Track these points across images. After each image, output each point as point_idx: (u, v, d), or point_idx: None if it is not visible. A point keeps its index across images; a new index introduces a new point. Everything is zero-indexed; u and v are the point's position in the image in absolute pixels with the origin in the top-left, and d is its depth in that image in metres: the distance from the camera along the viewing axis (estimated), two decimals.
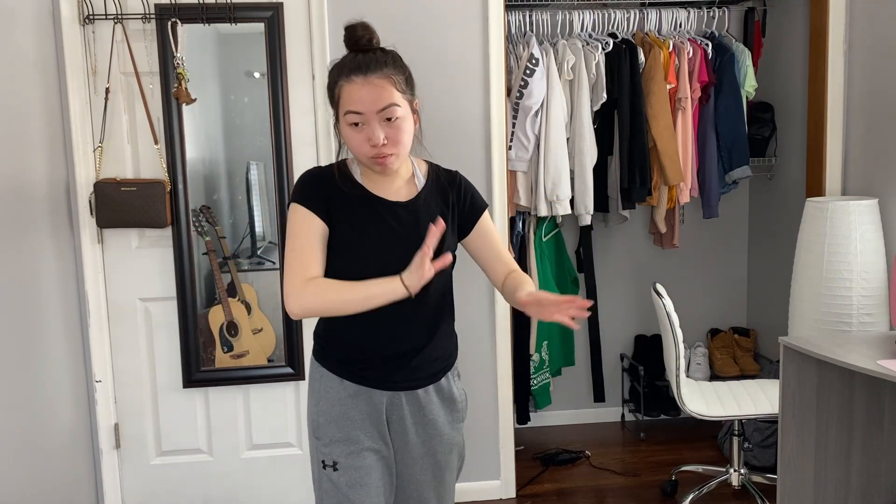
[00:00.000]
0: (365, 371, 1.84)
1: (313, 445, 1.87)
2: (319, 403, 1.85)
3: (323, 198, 1.77)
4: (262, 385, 3.17)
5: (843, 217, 2.91)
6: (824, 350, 2.39)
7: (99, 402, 3.09)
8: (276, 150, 3.03)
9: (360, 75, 1.69)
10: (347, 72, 1.71)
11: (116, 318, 3.10)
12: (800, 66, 3.64)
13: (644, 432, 3.98)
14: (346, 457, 1.82)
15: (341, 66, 1.73)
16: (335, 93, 1.74)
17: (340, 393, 1.84)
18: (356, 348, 1.83)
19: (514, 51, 3.48)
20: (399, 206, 1.82)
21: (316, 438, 1.85)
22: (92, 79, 2.97)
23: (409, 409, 1.87)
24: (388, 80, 1.70)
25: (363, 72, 1.69)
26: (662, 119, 3.49)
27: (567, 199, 3.47)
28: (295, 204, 1.79)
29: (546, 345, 3.73)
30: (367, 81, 1.69)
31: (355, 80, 1.69)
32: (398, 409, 1.86)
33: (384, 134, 1.71)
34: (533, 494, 3.38)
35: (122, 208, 2.91)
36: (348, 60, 1.72)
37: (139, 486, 3.18)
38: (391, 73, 1.71)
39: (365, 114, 1.69)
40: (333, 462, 1.82)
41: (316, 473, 1.87)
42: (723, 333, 4.12)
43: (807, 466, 2.61)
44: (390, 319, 1.80)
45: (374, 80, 1.69)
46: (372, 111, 1.69)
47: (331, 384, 1.85)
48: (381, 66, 1.71)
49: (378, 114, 1.70)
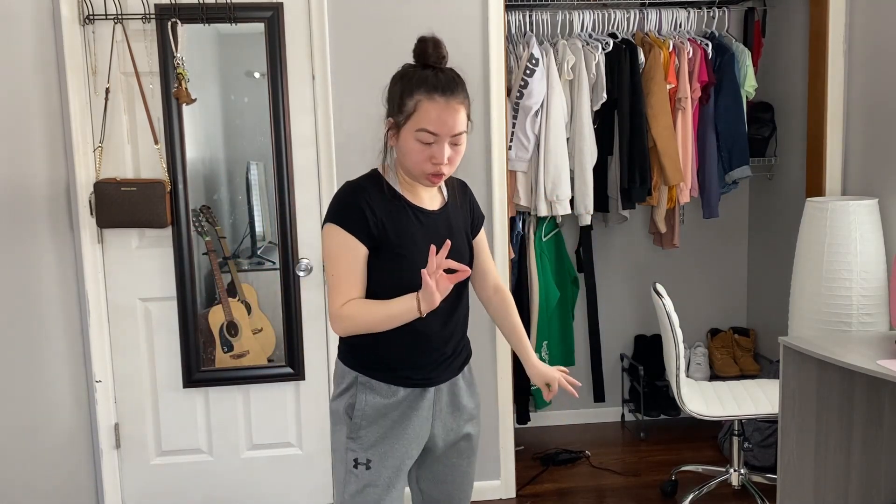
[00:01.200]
0: (415, 374, 1.89)
1: (343, 445, 1.89)
2: (365, 408, 1.87)
3: (364, 217, 1.78)
4: (262, 385, 3.17)
5: (843, 217, 2.91)
6: (824, 350, 2.39)
7: (99, 402, 3.09)
8: (276, 150, 3.03)
9: (443, 97, 1.72)
10: (430, 89, 1.72)
11: (116, 318, 3.10)
12: (800, 66, 3.64)
13: (644, 432, 3.98)
14: (379, 458, 1.87)
15: (422, 79, 1.74)
16: (409, 105, 1.74)
17: (389, 399, 1.87)
18: (408, 355, 1.88)
19: (514, 51, 3.48)
20: (435, 215, 1.88)
21: (350, 439, 1.88)
22: (92, 79, 2.97)
23: (447, 398, 1.95)
24: (463, 106, 1.76)
25: (446, 94, 1.72)
26: (662, 119, 3.49)
27: (567, 199, 3.47)
28: (334, 225, 1.79)
29: (546, 345, 3.73)
30: (448, 105, 1.73)
31: (438, 100, 1.72)
32: (439, 402, 1.93)
33: (448, 155, 1.76)
34: (533, 494, 3.38)
35: (122, 208, 2.91)
36: (430, 76, 1.74)
37: (139, 486, 3.18)
38: (465, 99, 1.77)
39: (440, 136, 1.73)
40: (367, 460, 1.87)
41: (342, 475, 1.90)
42: (723, 333, 4.12)
43: (807, 466, 2.61)
44: (439, 318, 1.86)
45: (454, 105, 1.73)
46: (446, 134, 1.74)
47: (378, 391, 1.88)
48: (460, 90, 1.76)
49: (450, 138, 1.75)
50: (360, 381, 1.88)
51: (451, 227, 1.90)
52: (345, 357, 1.93)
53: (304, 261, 3.09)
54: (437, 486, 2.03)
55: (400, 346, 1.86)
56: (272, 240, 3.18)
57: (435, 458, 2.00)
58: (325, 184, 3.07)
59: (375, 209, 1.79)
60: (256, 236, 3.22)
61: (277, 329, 3.16)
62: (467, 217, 1.98)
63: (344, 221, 1.78)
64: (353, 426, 1.88)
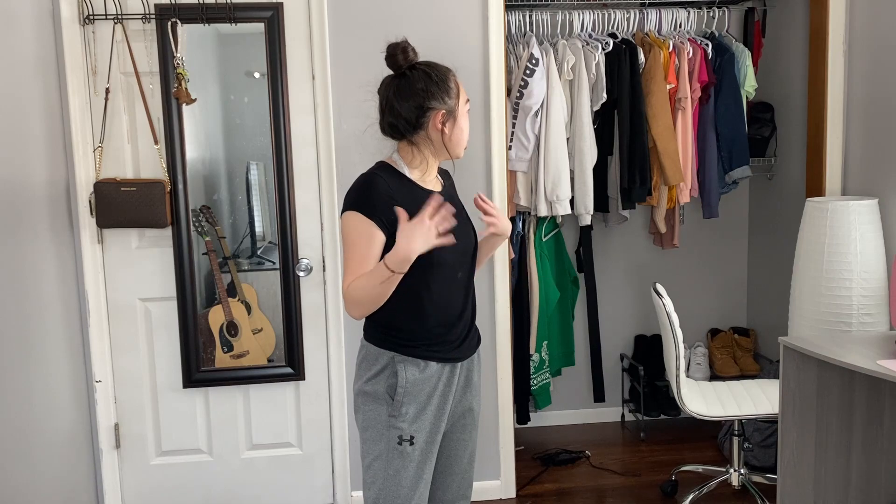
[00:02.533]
0: (447, 348, 2.00)
1: (385, 423, 1.97)
2: (406, 385, 1.96)
3: (384, 204, 1.88)
4: (262, 385, 3.17)
5: (843, 217, 2.91)
6: (824, 350, 2.39)
7: (99, 402, 3.09)
8: (276, 150, 3.03)
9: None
10: (448, 69, 1.98)
11: (116, 318, 3.10)
12: (800, 66, 3.64)
13: (644, 432, 3.98)
14: (422, 433, 1.98)
15: (440, 66, 1.98)
16: (451, 84, 1.96)
17: (426, 373, 1.98)
18: (439, 329, 1.99)
19: (514, 51, 3.48)
20: (443, 196, 1.98)
21: (392, 417, 1.96)
22: (92, 79, 2.97)
23: (464, 374, 2.08)
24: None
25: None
26: (662, 119, 3.49)
27: (567, 199, 3.47)
28: (354, 212, 1.90)
29: (546, 345, 3.73)
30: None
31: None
32: (461, 377, 2.07)
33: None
34: (533, 494, 3.38)
35: (122, 208, 2.91)
36: (430, 62, 1.98)
37: (139, 486, 3.18)
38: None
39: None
40: (411, 437, 1.97)
41: (383, 452, 1.97)
42: (723, 333, 4.12)
43: (807, 466, 2.61)
44: (458, 298, 2.02)
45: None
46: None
47: (417, 366, 1.97)
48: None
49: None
50: (398, 360, 1.97)
51: (458, 207, 2.06)
52: (376, 339, 2.01)
53: (304, 261, 3.09)
54: (440, 457, 2.13)
55: (430, 322, 1.97)
56: (272, 240, 3.18)
57: (445, 431, 2.10)
58: (325, 184, 3.07)
59: (394, 194, 1.90)
60: (256, 236, 3.22)
61: (277, 329, 3.16)
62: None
63: (364, 208, 1.89)
64: (396, 404, 1.96)
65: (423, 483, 2.00)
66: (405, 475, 1.97)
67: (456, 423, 2.11)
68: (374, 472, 1.99)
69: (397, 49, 1.93)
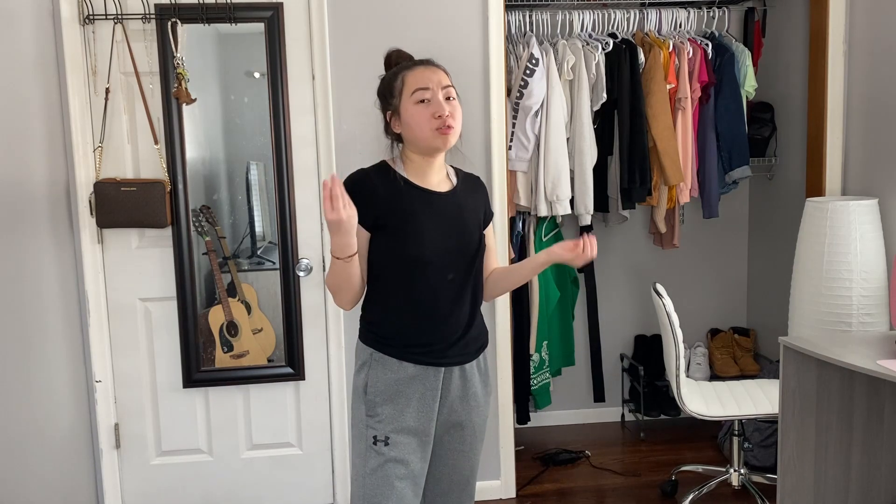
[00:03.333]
0: (425, 350, 1.97)
1: (363, 422, 1.99)
2: (377, 384, 1.97)
3: (367, 200, 1.92)
4: (262, 385, 3.17)
5: (843, 217, 2.91)
6: (824, 350, 2.39)
7: (99, 402, 3.09)
8: (276, 150, 3.03)
9: (421, 65, 1.97)
10: (409, 65, 1.97)
11: (116, 318, 3.10)
12: (800, 66, 3.64)
13: (644, 432, 3.98)
14: (396, 433, 1.96)
15: (400, 66, 1.98)
16: (397, 83, 1.95)
17: (399, 374, 1.97)
18: (418, 330, 1.97)
19: (514, 51, 3.48)
20: (443, 196, 2.00)
21: (369, 416, 1.98)
22: (92, 79, 2.97)
23: (458, 383, 2.04)
24: (443, 70, 1.98)
25: (423, 63, 1.98)
26: (662, 119, 3.49)
27: (567, 199, 3.47)
28: None
29: (546, 345, 3.73)
30: (427, 67, 1.97)
31: (417, 67, 1.96)
32: (449, 384, 2.02)
33: (447, 109, 1.92)
34: (533, 494, 3.38)
35: (122, 208, 2.91)
36: (405, 63, 1.99)
37: (139, 486, 3.18)
38: (445, 71, 1.99)
39: (431, 89, 1.92)
40: (385, 437, 1.96)
41: (363, 450, 1.98)
42: (723, 333, 4.12)
43: (807, 466, 2.61)
44: (448, 295, 1.98)
45: (432, 67, 1.97)
46: (437, 87, 1.93)
47: (389, 366, 1.98)
48: (436, 63, 2.00)
49: (441, 90, 1.93)
50: (375, 358, 1.99)
51: (461, 209, 2.02)
52: (363, 335, 2.04)
53: (304, 261, 3.09)
54: (435, 466, 2.10)
55: (410, 321, 1.97)
56: (272, 240, 3.18)
57: (436, 439, 2.07)
58: None
59: (378, 190, 1.94)
60: (256, 236, 3.22)
61: (277, 329, 3.16)
62: (479, 207, 2.09)
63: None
64: (369, 403, 1.98)
65: (407, 486, 1.96)
66: (379, 475, 1.95)
67: (452, 434, 2.07)
68: (355, 469, 2.01)
69: (388, 57, 2.04)
